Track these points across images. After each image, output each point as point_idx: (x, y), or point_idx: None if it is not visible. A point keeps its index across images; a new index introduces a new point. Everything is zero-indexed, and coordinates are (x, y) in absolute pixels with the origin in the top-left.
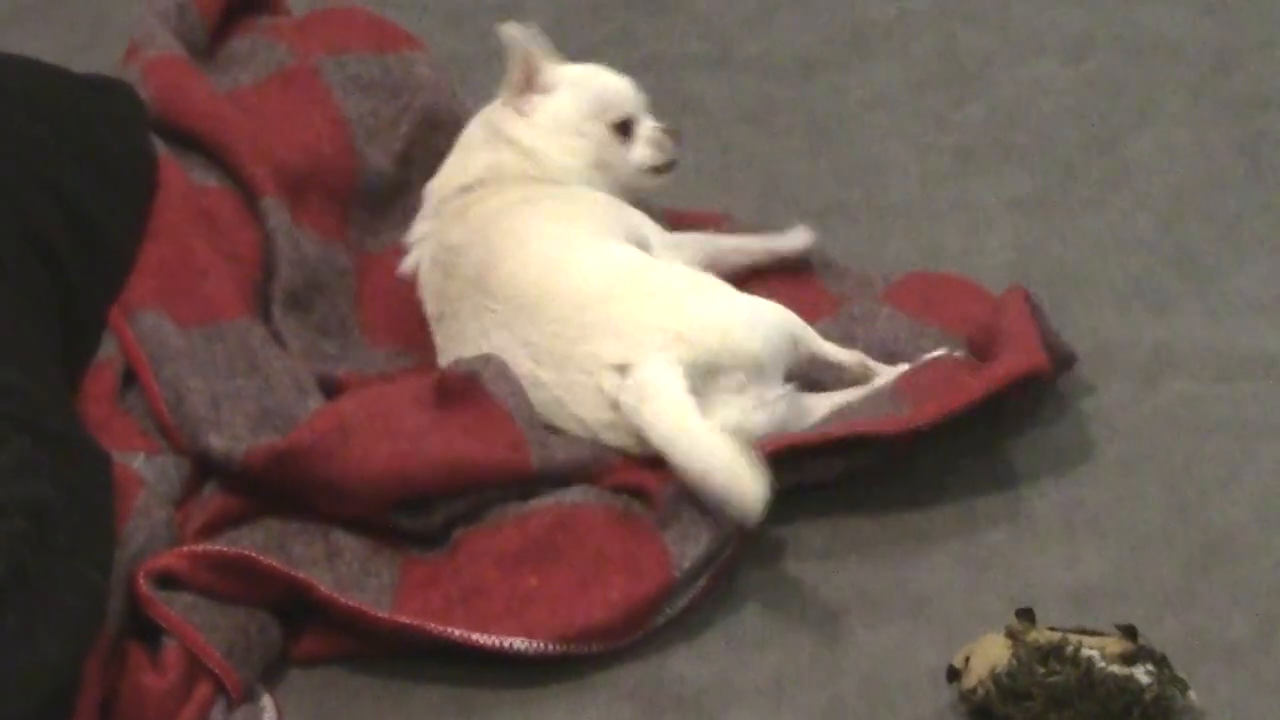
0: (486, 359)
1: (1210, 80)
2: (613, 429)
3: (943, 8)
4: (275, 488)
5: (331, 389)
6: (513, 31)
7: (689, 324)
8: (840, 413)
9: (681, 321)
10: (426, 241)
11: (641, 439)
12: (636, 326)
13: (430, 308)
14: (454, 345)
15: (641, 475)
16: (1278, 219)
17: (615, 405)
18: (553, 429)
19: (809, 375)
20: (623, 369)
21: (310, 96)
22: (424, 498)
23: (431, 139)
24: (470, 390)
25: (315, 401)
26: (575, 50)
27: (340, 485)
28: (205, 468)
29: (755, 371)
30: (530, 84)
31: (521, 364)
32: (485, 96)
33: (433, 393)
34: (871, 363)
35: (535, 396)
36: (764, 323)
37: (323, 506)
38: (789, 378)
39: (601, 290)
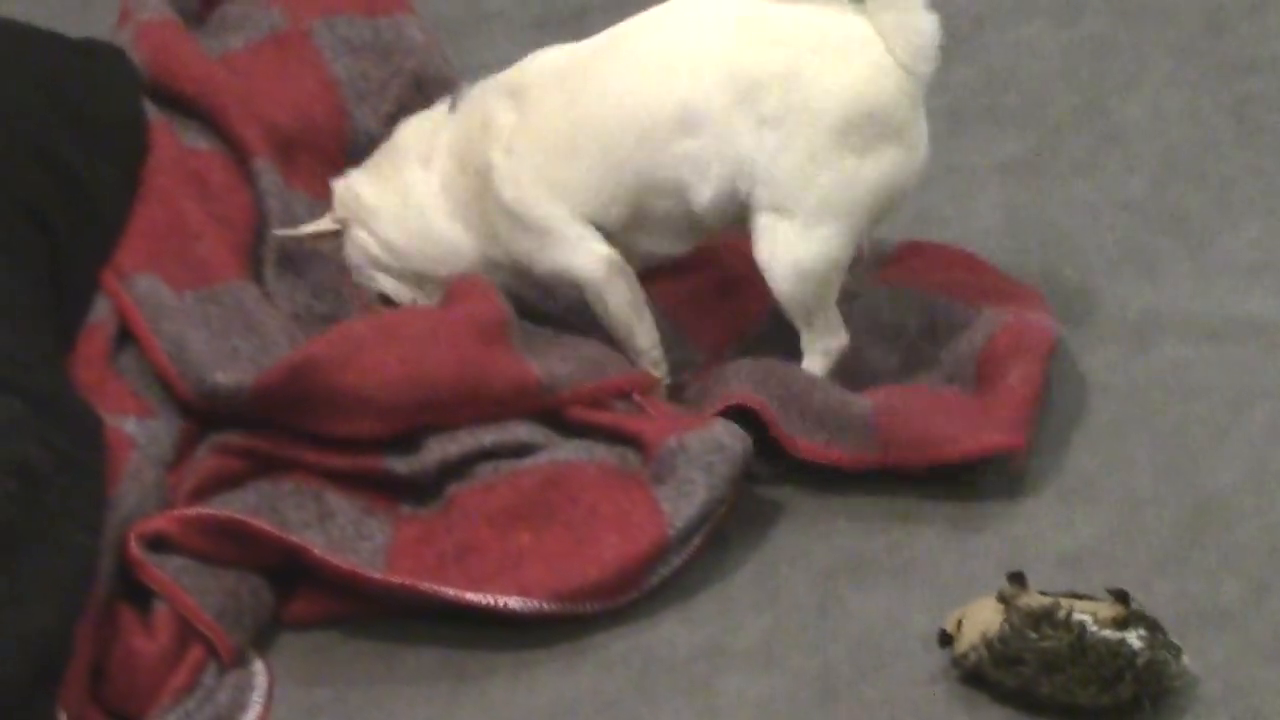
0: None
1: (1200, 43)
2: None
3: None
4: (286, 411)
5: None
6: None
7: None
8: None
9: None
10: None
11: None
12: None
13: None
14: None
15: (639, 423)
16: (1267, 182)
17: None
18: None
19: None
20: None
21: (302, 59)
22: (432, 408)
23: (420, 102)
24: (478, 285)
25: None
26: (567, 13)
27: (355, 394)
28: (204, 423)
29: None
30: None
31: None
32: (475, 60)
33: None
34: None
35: None
36: None
37: (335, 425)
38: None
39: None
